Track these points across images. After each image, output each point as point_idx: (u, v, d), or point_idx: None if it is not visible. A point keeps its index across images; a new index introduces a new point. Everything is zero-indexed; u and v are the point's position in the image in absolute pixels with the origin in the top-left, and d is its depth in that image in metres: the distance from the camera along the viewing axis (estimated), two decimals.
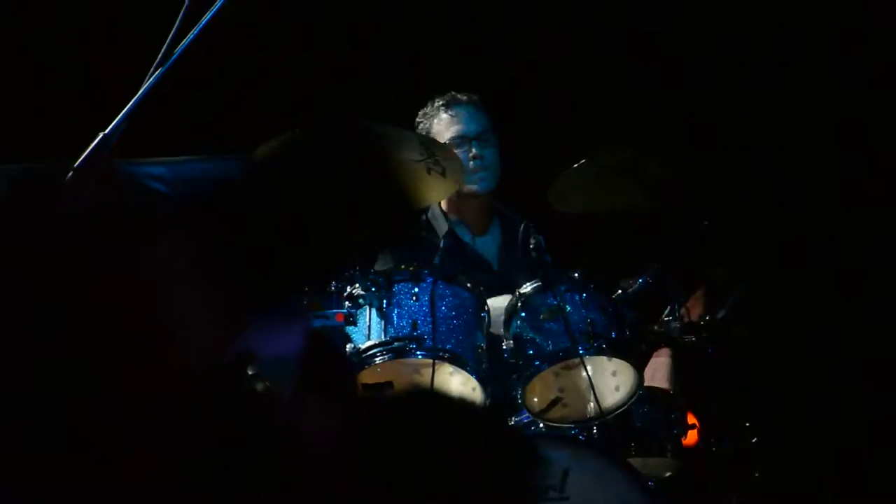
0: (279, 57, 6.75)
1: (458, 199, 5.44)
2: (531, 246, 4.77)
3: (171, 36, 4.24)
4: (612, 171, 4.90)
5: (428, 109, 5.43)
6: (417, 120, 5.44)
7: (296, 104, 6.36)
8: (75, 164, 4.16)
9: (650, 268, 4.70)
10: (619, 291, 4.71)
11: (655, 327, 4.77)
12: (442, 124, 5.36)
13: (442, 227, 5.38)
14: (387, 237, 5.38)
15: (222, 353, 1.72)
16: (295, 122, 4.69)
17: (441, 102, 5.40)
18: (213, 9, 4.24)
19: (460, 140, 5.31)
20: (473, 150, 5.31)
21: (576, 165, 4.83)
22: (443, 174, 4.71)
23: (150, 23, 4.72)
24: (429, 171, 4.70)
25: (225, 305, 1.70)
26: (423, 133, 5.32)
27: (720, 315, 4.89)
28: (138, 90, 4.24)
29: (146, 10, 6.02)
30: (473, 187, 5.36)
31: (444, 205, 5.48)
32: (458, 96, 5.41)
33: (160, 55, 4.23)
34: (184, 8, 4.20)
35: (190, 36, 4.22)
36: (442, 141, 5.23)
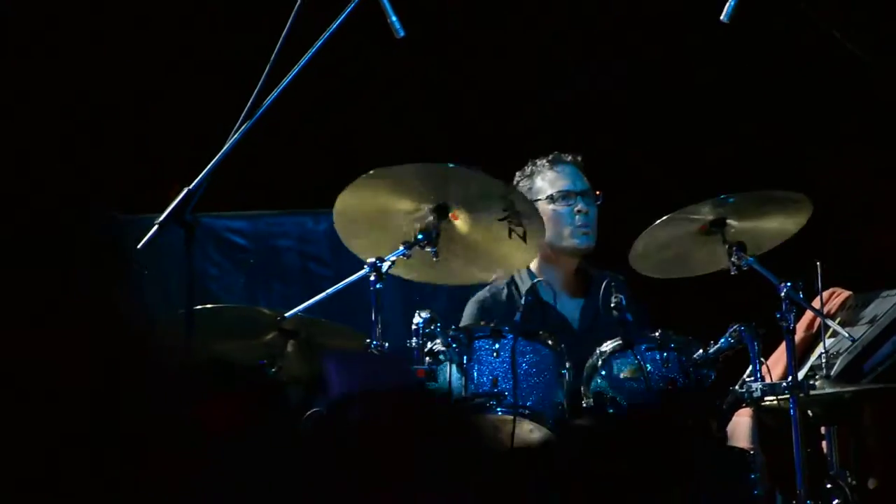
0: (361, 110, 6.79)
1: (550, 256, 5.41)
2: (612, 305, 4.76)
3: (256, 91, 4.27)
4: (694, 232, 4.88)
5: (529, 168, 5.42)
6: (516, 179, 5.42)
7: (375, 158, 6.38)
8: (160, 220, 4.20)
9: (732, 327, 4.66)
10: (700, 351, 4.68)
11: (736, 387, 4.72)
12: (546, 181, 5.35)
13: (525, 283, 5.35)
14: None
15: None
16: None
17: (546, 160, 5.40)
18: (299, 66, 4.29)
19: (566, 194, 5.31)
20: (580, 205, 5.31)
21: (657, 223, 4.81)
22: (523, 238, 4.70)
23: (234, 77, 4.76)
24: (510, 233, 4.70)
25: None
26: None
27: (802, 375, 4.84)
28: (223, 145, 4.28)
29: (231, 64, 6.08)
30: (575, 241, 5.34)
31: (532, 263, 5.41)
32: (563, 156, 5.42)
33: (245, 110, 4.27)
34: (270, 64, 4.24)
35: (275, 93, 4.25)
36: (544, 196, 5.27)
